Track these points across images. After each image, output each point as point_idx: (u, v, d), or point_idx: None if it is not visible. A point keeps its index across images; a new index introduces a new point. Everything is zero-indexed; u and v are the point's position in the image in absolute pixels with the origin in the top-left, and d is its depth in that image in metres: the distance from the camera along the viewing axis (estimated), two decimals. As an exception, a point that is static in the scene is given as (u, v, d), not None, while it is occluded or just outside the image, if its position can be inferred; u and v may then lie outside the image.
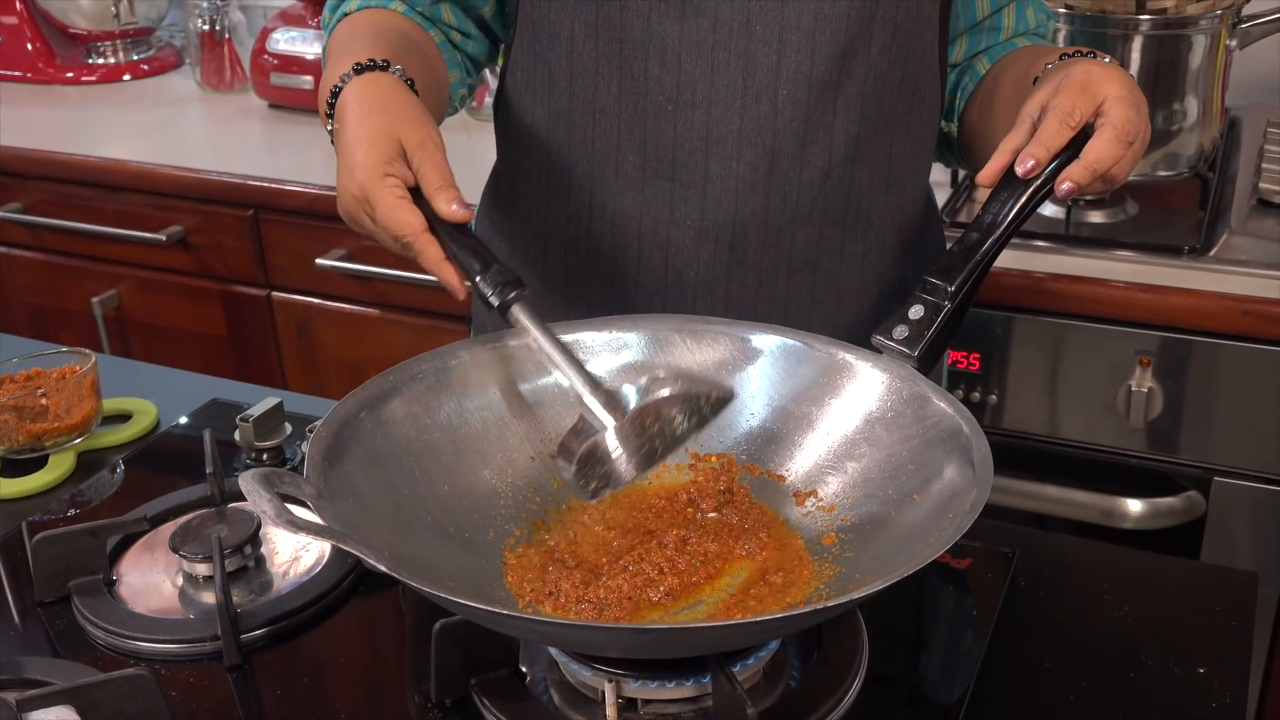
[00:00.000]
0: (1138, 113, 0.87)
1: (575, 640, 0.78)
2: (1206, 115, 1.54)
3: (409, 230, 0.84)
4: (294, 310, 1.92)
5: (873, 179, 1.02)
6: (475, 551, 0.83)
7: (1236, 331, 1.37)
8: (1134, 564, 0.98)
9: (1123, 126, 0.86)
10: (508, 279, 0.83)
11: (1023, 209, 0.88)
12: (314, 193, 1.81)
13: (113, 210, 1.98)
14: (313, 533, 0.67)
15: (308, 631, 0.90)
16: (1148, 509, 1.48)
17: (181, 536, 0.95)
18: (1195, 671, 0.84)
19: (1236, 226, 1.49)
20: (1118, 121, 0.86)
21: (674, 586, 0.80)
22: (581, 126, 1.01)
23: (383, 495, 0.80)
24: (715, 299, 1.03)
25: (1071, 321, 1.44)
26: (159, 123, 2.16)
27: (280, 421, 1.13)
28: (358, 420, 0.83)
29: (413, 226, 0.84)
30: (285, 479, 0.72)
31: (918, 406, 0.84)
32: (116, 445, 1.17)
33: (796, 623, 0.74)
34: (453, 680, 0.81)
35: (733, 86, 0.97)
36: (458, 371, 0.89)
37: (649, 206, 1.01)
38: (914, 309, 0.88)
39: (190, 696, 0.85)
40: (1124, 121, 0.86)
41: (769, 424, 0.90)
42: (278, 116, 2.12)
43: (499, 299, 0.82)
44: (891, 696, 0.83)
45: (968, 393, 1.50)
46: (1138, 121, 0.86)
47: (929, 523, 0.77)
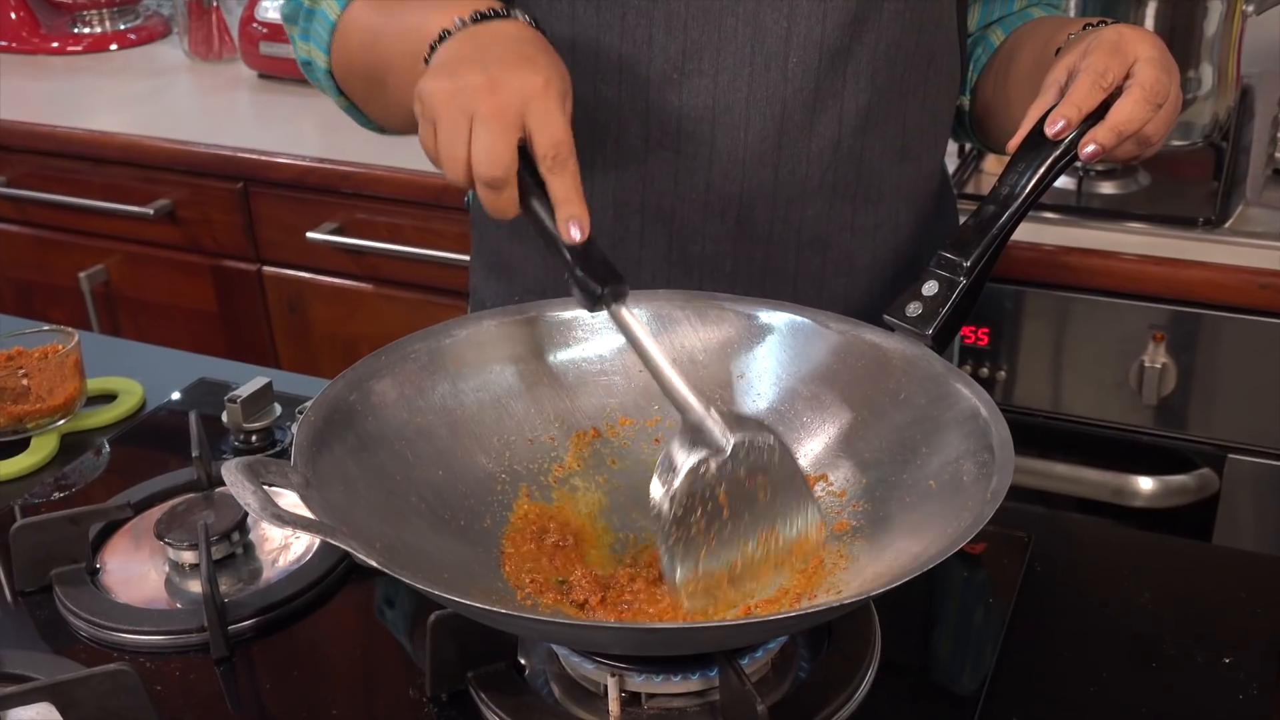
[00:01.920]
0: (1168, 75, 0.83)
1: (578, 639, 0.74)
2: (1222, 83, 1.50)
3: (565, 142, 0.75)
4: (285, 285, 1.88)
5: (885, 151, 0.98)
6: (471, 540, 0.79)
7: (1253, 305, 1.33)
8: (1154, 547, 0.94)
9: (1151, 88, 0.82)
10: (610, 268, 0.76)
11: (1042, 179, 0.84)
12: (305, 165, 1.77)
13: (99, 183, 1.94)
14: (300, 527, 0.64)
15: (298, 621, 0.87)
16: (1159, 487, 1.45)
17: (166, 523, 0.91)
18: (1220, 661, 0.81)
19: (1252, 197, 1.45)
20: (1146, 82, 0.82)
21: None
22: (581, 96, 0.96)
23: (374, 482, 0.77)
24: (721, 275, 0.99)
25: (1082, 295, 1.40)
26: (146, 93, 2.11)
27: (269, 402, 1.09)
28: (348, 404, 0.79)
29: (569, 143, 0.75)
30: (271, 468, 0.69)
31: (932, 387, 0.80)
32: (101, 426, 1.14)
33: (809, 620, 0.71)
34: (449, 673, 0.78)
35: (740, 54, 0.93)
36: (452, 351, 0.85)
37: (652, 179, 0.97)
38: (928, 285, 0.84)
39: (176, 690, 0.81)
40: (1153, 83, 0.82)
41: (777, 405, 0.86)
42: (267, 87, 2.08)
43: (601, 288, 0.75)
44: (906, 688, 0.80)
45: (976, 368, 1.47)
46: (1168, 84, 0.83)
47: (946, 510, 0.73)
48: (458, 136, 0.75)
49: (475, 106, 0.75)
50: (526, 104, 0.75)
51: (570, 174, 0.76)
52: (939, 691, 0.82)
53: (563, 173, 0.76)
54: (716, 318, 0.88)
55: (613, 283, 0.75)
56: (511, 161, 0.75)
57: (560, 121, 0.75)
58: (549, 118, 0.75)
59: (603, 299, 0.75)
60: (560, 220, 0.76)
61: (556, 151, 0.75)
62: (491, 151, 0.74)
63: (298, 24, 0.99)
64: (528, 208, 0.77)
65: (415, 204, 1.72)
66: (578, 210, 0.76)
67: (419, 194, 1.70)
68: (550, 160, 0.75)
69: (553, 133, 0.75)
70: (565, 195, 0.76)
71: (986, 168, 1.62)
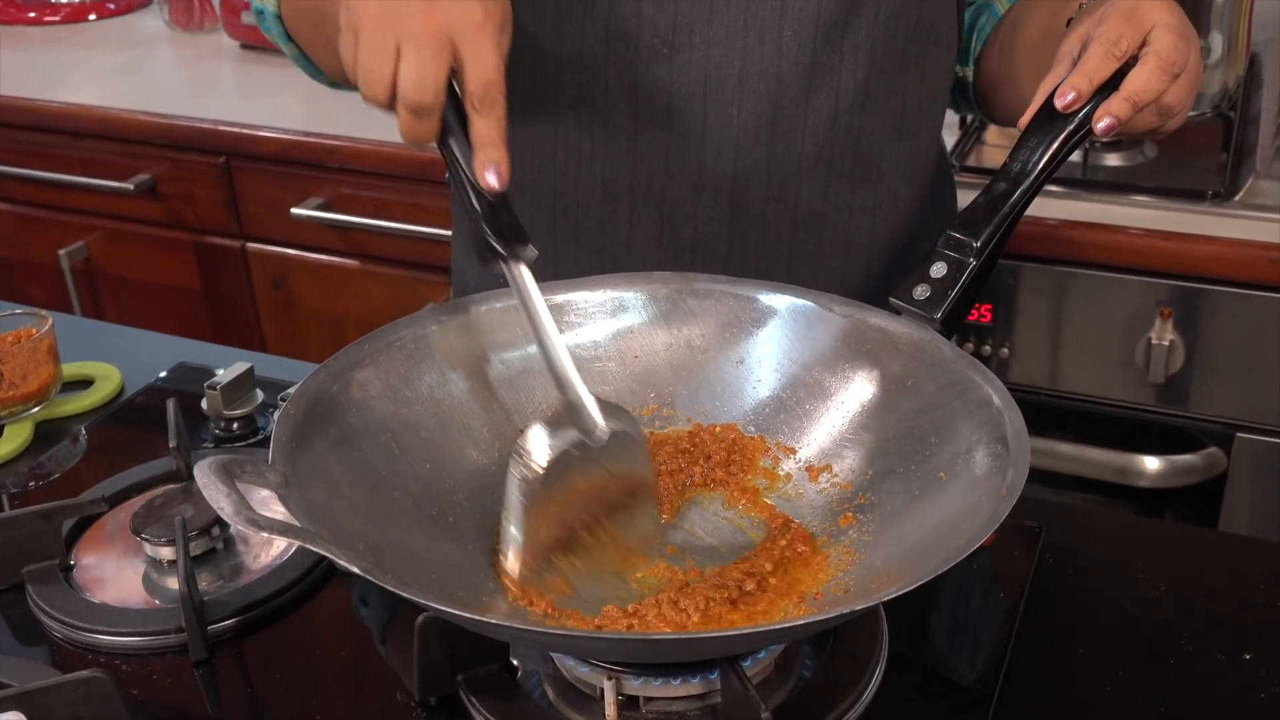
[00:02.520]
0: (1187, 43, 0.79)
1: (575, 648, 0.71)
2: (1232, 51, 1.46)
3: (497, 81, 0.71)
4: (269, 262, 1.84)
5: (883, 127, 0.94)
6: (461, 538, 0.76)
7: (1263, 281, 1.30)
8: (1168, 537, 0.91)
9: (1168, 56, 0.78)
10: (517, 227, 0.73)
11: (1055, 155, 0.81)
12: (288, 138, 1.73)
13: (78, 158, 1.89)
14: (277, 532, 0.60)
15: (281, 620, 0.83)
16: (1165, 467, 1.42)
17: (143, 518, 0.88)
18: (1241, 658, 0.78)
19: (1262, 169, 1.42)
20: (1162, 51, 0.78)
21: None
22: (567, 72, 0.93)
23: (357, 478, 0.73)
24: (714, 257, 0.95)
25: (1087, 271, 1.37)
26: (125, 65, 2.06)
27: (251, 388, 1.06)
28: (329, 395, 0.75)
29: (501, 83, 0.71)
30: (247, 467, 0.65)
31: (941, 374, 0.77)
32: (78, 414, 1.10)
33: (817, 628, 0.68)
34: (438, 677, 0.74)
35: (733, 27, 0.89)
36: (439, 338, 0.81)
37: (642, 159, 0.93)
38: (936, 267, 0.80)
39: (154, 694, 0.78)
40: (1169, 51, 0.78)
41: (778, 392, 0.83)
42: (250, 57, 2.03)
43: (505, 247, 0.73)
44: (915, 686, 0.77)
45: (978, 346, 1.43)
46: (1186, 52, 0.79)
47: (957, 505, 0.70)
48: (382, 53, 0.70)
49: (406, 27, 0.70)
50: (461, 33, 0.70)
51: (497, 116, 0.72)
52: (950, 690, 0.79)
53: (490, 114, 0.71)
54: (715, 301, 0.84)
55: (518, 243, 0.73)
56: (441, 88, 0.70)
57: (494, 59, 0.71)
58: (482, 52, 0.71)
59: (504, 257, 0.73)
60: (478, 163, 0.72)
61: (486, 91, 0.71)
62: (421, 74, 0.70)
63: None
64: (445, 145, 0.73)
65: (402, 179, 1.68)
66: (498, 155, 0.72)
67: (406, 168, 1.66)
68: (479, 99, 0.71)
69: (485, 69, 0.71)
70: (488, 138, 0.72)
71: (989, 139, 1.58)
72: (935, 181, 1.04)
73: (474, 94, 0.71)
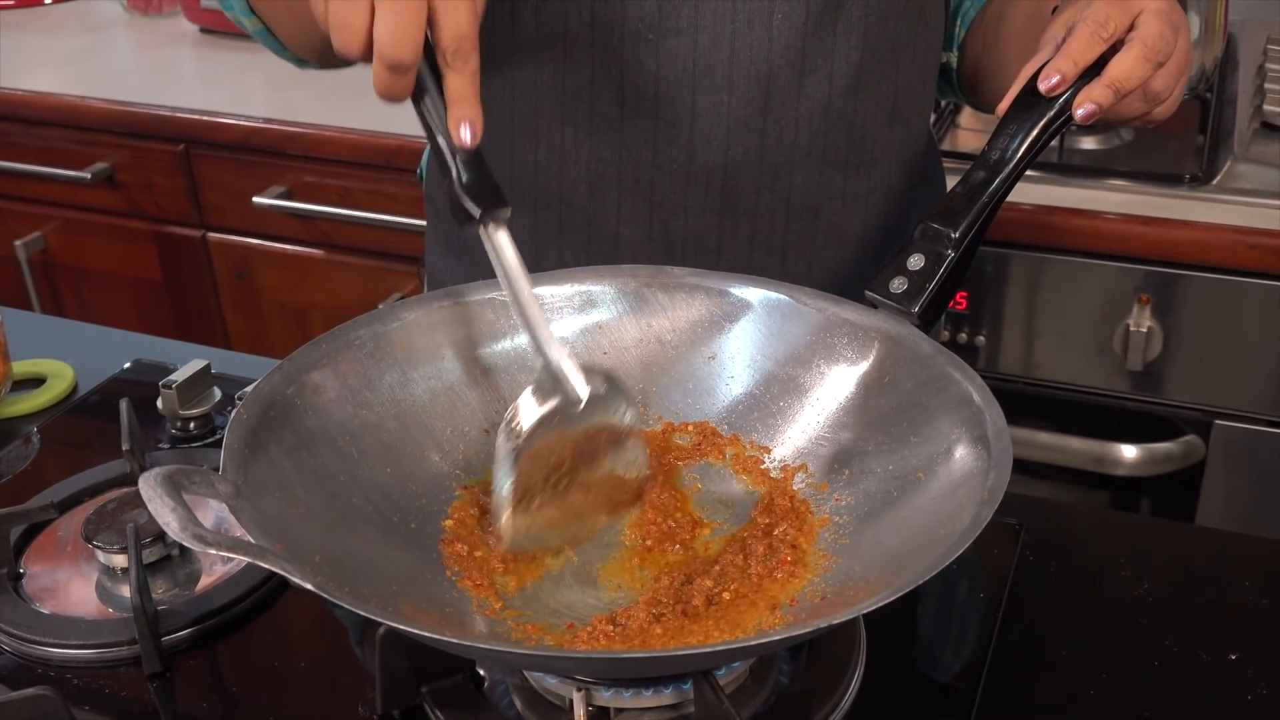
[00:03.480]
0: (1174, 30, 0.77)
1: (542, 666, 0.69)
2: (1209, 32, 1.44)
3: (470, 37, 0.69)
4: (232, 252, 1.80)
5: (876, 112, 0.92)
6: (424, 545, 0.73)
7: (1242, 266, 1.29)
8: (1151, 532, 0.90)
9: (1153, 43, 0.76)
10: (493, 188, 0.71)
11: (1035, 142, 0.78)
12: (250, 125, 1.69)
13: (33, 146, 1.85)
14: (225, 549, 0.57)
15: (239, 630, 0.81)
16: (1143, 455, 1.41)
17: (95, 523, 0.85)
18: (1227, 658, 0.76)
19: (1240, 153, 1.40)
20: (1148, 37, 0.76)
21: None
22: (550, 60, 0.89)
23: (314, 485, 0.70)
24: (706, 251, 0.93)
25: (1064, 257, 1.35)
26: (82, 50, 2.02)
27: (208, 386, 1.03)
28: (285, 398, 0.72)
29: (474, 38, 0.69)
30: (196, 477, 0.62)
31: (920, 370, 0.75)
32: (29, 414, 1.06)
33: (792, 642, 0.65)
34: (401, 690, 0.72)
35: (721, 11, 0.86)
36: (400, 336, 0.78)
37: (629, 149, 0.90)
38: (913, 259, 0.78)
39: (106, 710, 0.75)
40: (1155, 38, 0.76)
41: (752, 389, 0.80)
42: (210, 42, 1.99)
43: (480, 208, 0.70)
44: (895, 690, 0.75)
45: (955, 334, 1.41)
46: (1172, 39, 0.76)
47: (937, 508, 0.68)
48: (354, 7, 0.68)
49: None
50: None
51: (470, 72, 0.70)
52: (931, 691, 0.77)
53: (463, 69, 0.69)
54: (686, 294, 0.81)
55: (494, 204, 0.71)
56: (419, 44, 0.68)
57: (468, 14, 0.69)
58: (456, 8, 0.69)
59: (479, 220, 0.71)
60: (452, 119, 0.70)
61: (459, 45, 0.69)
62: (398, 29, 0.67)
63: None
64: (419, 103, 0.71)
65: (366, 166, 1.64)
66: (471, 112, 0.70)
67: (370, 155, 1.63)
68: (451, 54, 0.69)
69: (458, 24, 0.69)
70: (461, 94, 0.70)
71: (964, 123, 1.56)
72: (925, 166, 1.01)
73: (447, 49, 0.69)
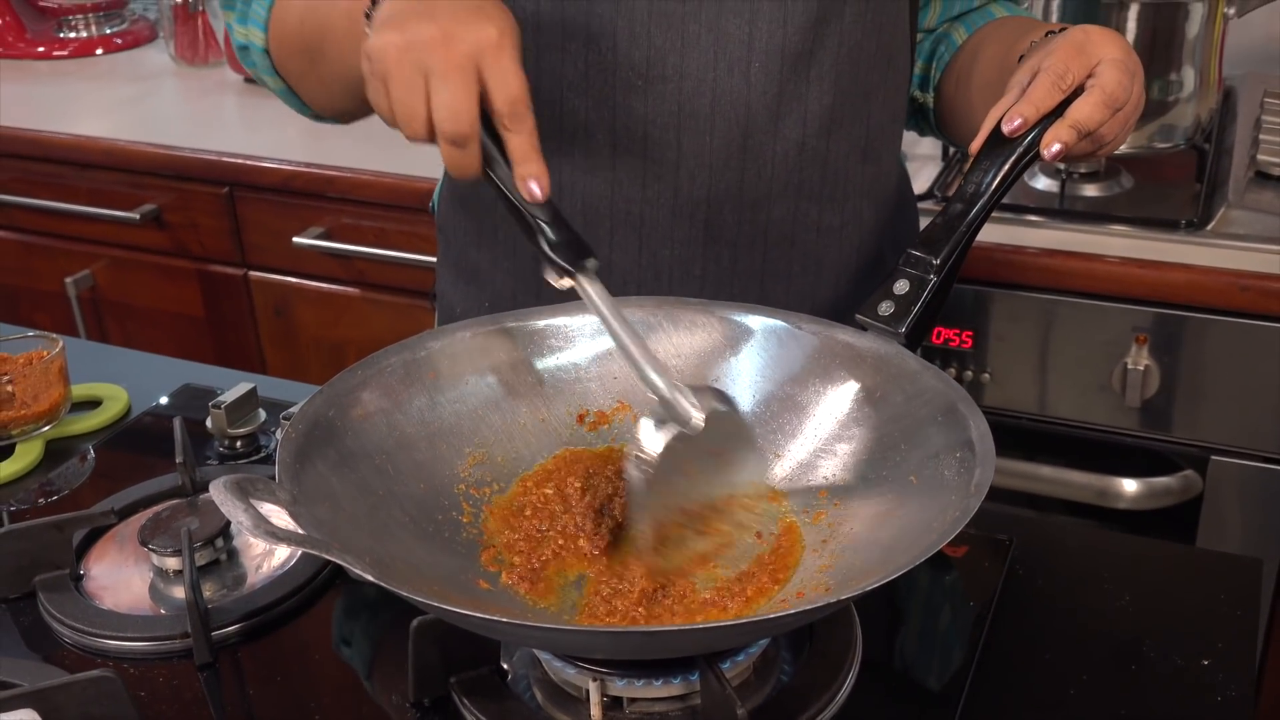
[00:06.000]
0: (1131, 78, 0.84)
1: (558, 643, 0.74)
2: (1204, 86, 1.51)
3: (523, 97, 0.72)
4: (271, 290, 1.88)
5: (849, 151, 0.99)
6: (456, 551, 0.79)
7: (1235, 308, 1.34)
8: (1135, 550, 0.95)
9: (1111, 91, 0.83)
10: (578, 241, 0.75)
11: (1006, 176, 0.85)
12: (290, 169, 1.77)
13: (85, 188, 1.93)
14: (294, 543, 0.64)
15: (282, 627, 0.87)
16: (1143, 489, 1.45)
17: (151, 529, 0.91)
18: (1200, 664, 0.82)
19: (1234, 199, 1.46)
20: (1107, 84, 0.83)
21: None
22: (548, 104, 0.97)
23: (357, 496, 0.76)
24: (691, 277, 1.00)
25: (1065, 298, 1.41)
26: (132, 98, 2.11)
27: (254, 407, 1.10)
28: (327, 420, 0.79)
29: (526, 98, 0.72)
30: (259, 485, 0.68)
31: (907, 384, 0.81)
32: (86, 433, 1.13)
33: (789, 622, 0.71)
34: (431, 679, 0.78)
35: (704, 60, 0.93)
36: (428, 363, 0.85)
37: (621, 185, 0.98)
38: (898, 284, 0.85)
39: (160, 697, 0.81)
40: (1113, 85, 0.83)
41: (755, 408, 0.86)
42: (253, 91, 2.08)
43: (569, 262, 0.74)
44: (886, 690, 0.81)
45: (959, 371, 1.47)
46: (1129, 86, 0.83)
47: (928, 507, 0.73)
48: (414, 93, 0.73)
49: (430, 61, 0.72)
50: (482, 57, 0.73)
51: (528, 131, 0.74)
52: (919, 692, 0.82)
53: (520, 129, 0.74)
54: (690, 323, 0.88)
55: (582, 256, 0.75)
56: (475, 116, 0.73)
57: (517, 76, 0.73)
58: (505, 72, 0.73)
59: (570, 273, 0.75)
60: (518, 179, 0.74)
61: (514, 108, 0.73)
62: (454, 107, 0.72)
63: (235, 8, 0.99)
64: (488, 172, 0.75)
65: (401, 208, 1.72)
66: (536, 169, 0.74)
67: (405, 198, 1.71)
68: (508, 117, 0.73)
69: (509, 88, 0.73)
70: (524, 153, 0.74)
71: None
72: (897, 202, 1.08)
73: (503, 113, 0.73)
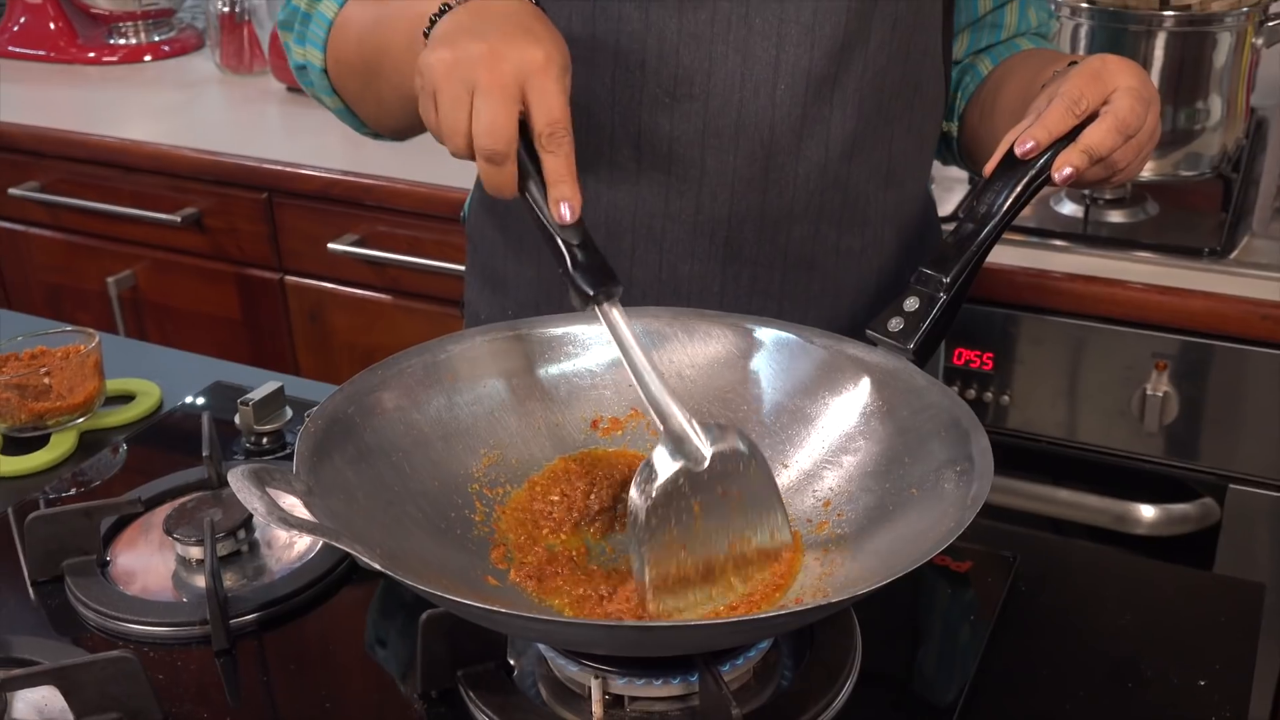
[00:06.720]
0: (1145, 106, 0.84)
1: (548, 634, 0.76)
2: (1230, 115, 1.51)
3: (563, 121, 0.74)
4: (306, 294, 1.91)
5: (870, 176, 1.01)
6: (467, 549, 0.81)
7: (1255, 336, 1.34)
8: (1139, 571, 0.96)
9: (1124, 117, 0.84)
10: (603, 268, 0.76)
11: (1018, 199, 0.87)
12: (328, 177, 1.81)
13: (129, 191, 1.98)
14: (305, 530, 0.66)
15: (298, 617, 0.89)
16: (1161, 515, 1.46)
17: (175, 519, 0.94)
18: (1196, 683, 0.82)
19: (1259, 229, 1.47)
20: (1120, 111, 0.84)
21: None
22: (576, 118, 0.99)
23: (373, 491, 0.79)
24: (709, 294, 1.01)
25: (1087, 322, 1.42)
26: (177, 104, 2.16)
27: (281, 405, 1.12)
28: (346, 416, 0.81)
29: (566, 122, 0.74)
30: (276, 475, 0.71)
31: (914, 399, 0.83)
32: (119, 425, 1.17)
33: (781, 623, 0.73)
34: (439, 671, 0.80)
35: (730, 80, 0.95)
36: (447, 365, 0.88)
37: (644, 200, 1.00)
38: (909, 301, 0.87)
39: (177, 680, 0.84)
40: (1126, 112, 0.84)
41: (763, 418, 0.88)
42: (295, 100, 2.12)
43: (593, 288, 0.76)
44: (884, 699, 0.82)
45: (980, 393, 1.48)
46: (1143, 115, 0.84)
47: (928, 518, 0.75)
48: (459, 108, 0.75)
49: (476, 78, 0.74)
50: (527, 78, 0.75)
51: (565, 154, 0.75)
52: (916, 703, 0.84)
53: (558, 151, 0.75)
54: (704, 334, 0.90)
55: (606, 283, 0.76)
56: (513, 135, 0.74)
57: (559, 99, 0.75)
58: (547, 94, 0.75)
59: (594, 299, 0.76)
60: (551, 200, 0.76)
61: (553, 130, 0.75)
62: (493, 124, 0.74)
63: (293, 29, 1.01)
64: (524, 189, 0.77)
65: (435, 218, 1.75)
66: (569, 192, 0.76)
67: (439, 208, 1.73)
68: (546, 138, 0.75)
69: (550, 110, 0.75)
70: (558, 175, 0.76)
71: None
72: (921, 227, 1.09)
73: (541, 134, 0.75)
